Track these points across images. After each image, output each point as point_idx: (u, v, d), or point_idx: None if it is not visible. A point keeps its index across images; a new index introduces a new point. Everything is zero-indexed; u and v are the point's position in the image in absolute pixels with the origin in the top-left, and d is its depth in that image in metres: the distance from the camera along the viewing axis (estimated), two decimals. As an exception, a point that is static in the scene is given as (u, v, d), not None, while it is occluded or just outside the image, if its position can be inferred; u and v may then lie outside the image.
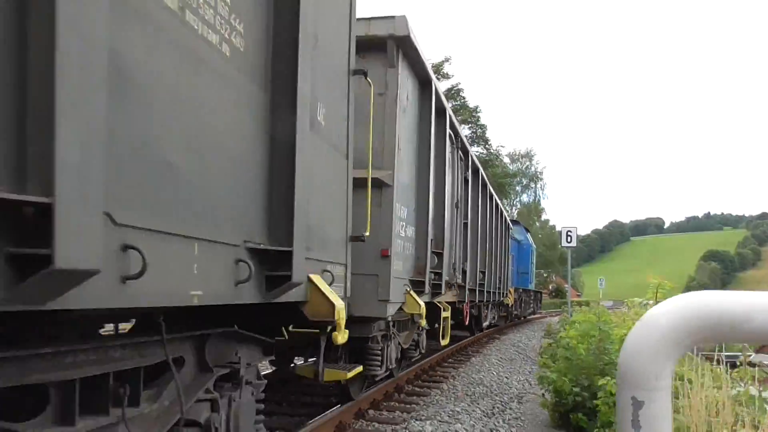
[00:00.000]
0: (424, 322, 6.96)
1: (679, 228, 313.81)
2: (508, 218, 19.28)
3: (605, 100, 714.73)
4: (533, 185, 65.22)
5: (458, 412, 6.58)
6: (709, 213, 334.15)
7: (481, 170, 11.43)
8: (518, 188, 63.46)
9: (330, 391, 6.71)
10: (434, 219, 6.96)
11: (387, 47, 5.37)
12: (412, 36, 5.46)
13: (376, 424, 5.68)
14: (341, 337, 3.57)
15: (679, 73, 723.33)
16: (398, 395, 7.31)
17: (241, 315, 3.15)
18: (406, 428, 5.54)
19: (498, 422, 6.55)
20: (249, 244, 2.58)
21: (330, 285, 3.60)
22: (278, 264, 2.82)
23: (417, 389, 7.88)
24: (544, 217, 67.44)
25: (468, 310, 11.07)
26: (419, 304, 6.34)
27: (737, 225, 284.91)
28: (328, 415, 5.22)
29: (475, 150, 43.56)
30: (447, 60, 41.45)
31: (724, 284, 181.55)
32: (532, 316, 33.04)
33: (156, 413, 2.54)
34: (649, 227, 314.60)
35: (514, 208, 62.84)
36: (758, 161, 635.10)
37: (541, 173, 65.47)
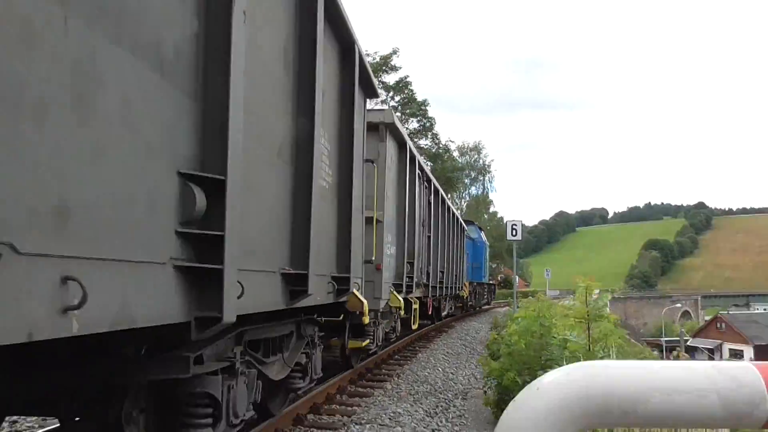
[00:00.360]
0: (403, 313, 9.64)
1: (622, 218, 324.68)
2: (462, 222, 22.14)
3: (552, 92, 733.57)
4: (481, 178, 65.54)
5: (400, 413, 6.45)
6: (650, 203, 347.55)
7: (441, 192, 14.21)
8: (467, 181, 63.63)
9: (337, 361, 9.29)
10: (408, 238, 9.64)
11: (379, 129, 7.99)
12: (396, 121, 8.14)
13: (315, 430, 5.60)
14: (366, 319, 6.22)
15: (620, 68, 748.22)
16: (340, 397, 7.17)
17: (310, 310, 5.72)
18: None
19: (441, 421, 6.51)
20: (332, 273, 5.20)
21: (358, 291, 6.23)
22: (341, 282, 5.43)
23: (360, 390, 7.74)
24: (492, 209, 68.16)
25: (431, 303, 13.83)
26: (399, 300, 9.02)
27: (676, 214, 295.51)
28: (265, 423, 5.11)
29: (423, 143, 43.66)
30: (395, 52, 40.48)
31: (664, 272, 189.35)
32: (486, 307, 35.98)
33: (288, 357, 5.12)
34: (594, 217, 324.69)
35: (462, 200, 63.53)
36: (695, 152, 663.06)
37: (489, 166, 65.78)
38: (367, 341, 7.68)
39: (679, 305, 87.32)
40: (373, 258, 7.11)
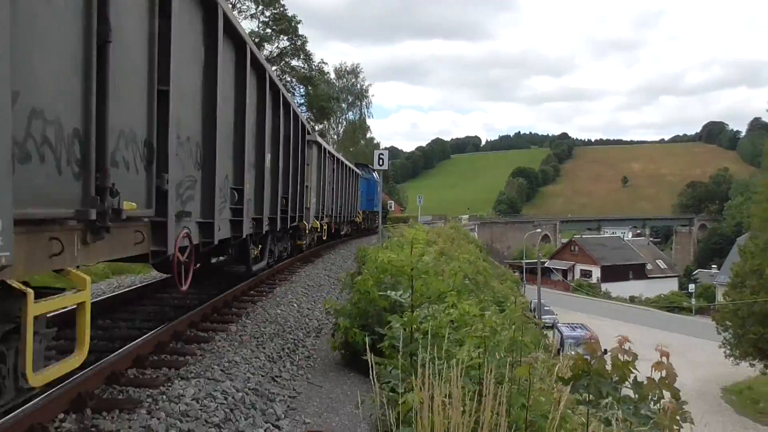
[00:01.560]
0: (320, 231, 18.02)
1: (493, 146, 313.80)
2: (357, 170, 30.36)
3: (431, 19, 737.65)
4: (359, 103, 61.45)
5: (237, 362, 5.47)
6: (519, 132, 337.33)
7: (343, 160, 22.39)
8: (344, 105, 59.53)
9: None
10: (321, 193, 17.84)
11: (310, 144, 15.91)
12: (317, 138, 16.18)
13: (131, 389, 4.44)
14: (306, 231, 14.59)
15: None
16: (174, 344, 5.90)
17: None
18: (164, 393, 4.37)
19: (284, 366, 5.81)
20: (298, 214, 13.35)
21: (304, 220, 14.45)
22: (300, 217, 13.58)
23: (200, 334, 6.54)
24: (369, 135, 64.77)
25: (333, 226, 22.29)
26: (318, 224, 17.30)
27: (542, 144, 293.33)
28: (66, 386, 3.91)
29: (295, 64, 42.75)
30: None
31: (528, 198, 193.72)
32: (378, 229, 44.28)
33: (282, 243, 13.24)
34: (468, 145, 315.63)
35: (339, 126, 61.07)
36: (560, 84, 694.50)
37: (366, 90, 61.86)
38: (304, 242, 15.97)
39: (539, 230, 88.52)
40: (309, 205, 15.28)
